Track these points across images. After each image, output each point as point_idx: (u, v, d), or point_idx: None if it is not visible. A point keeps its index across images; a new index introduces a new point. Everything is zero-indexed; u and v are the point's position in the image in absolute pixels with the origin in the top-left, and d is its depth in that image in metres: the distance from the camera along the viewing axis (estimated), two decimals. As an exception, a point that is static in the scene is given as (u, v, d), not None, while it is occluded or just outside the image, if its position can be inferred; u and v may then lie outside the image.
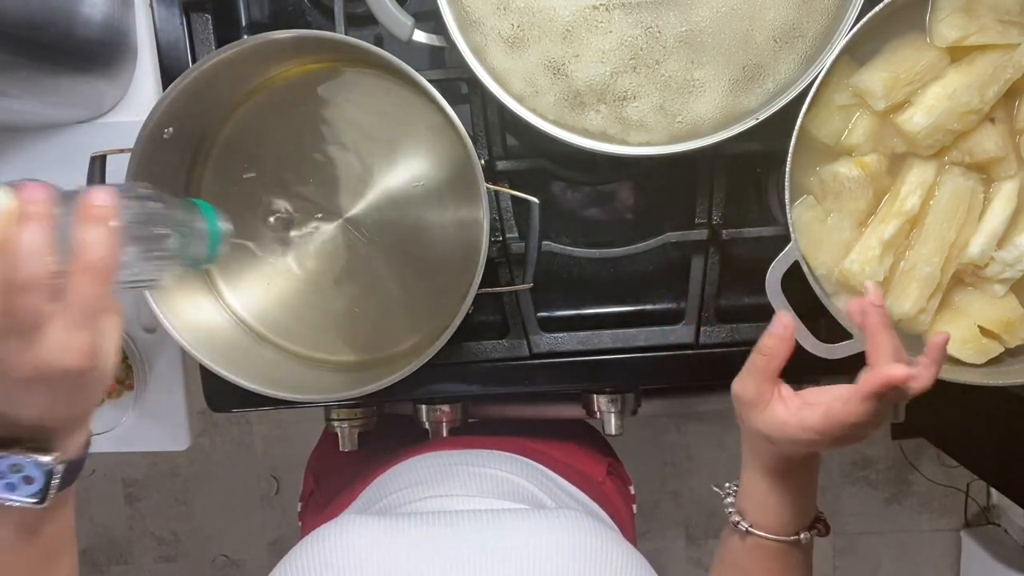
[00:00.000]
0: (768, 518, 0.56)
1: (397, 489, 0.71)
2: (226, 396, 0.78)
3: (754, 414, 0.53)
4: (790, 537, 0.55)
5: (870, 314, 0.50)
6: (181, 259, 0.52)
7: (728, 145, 0.64)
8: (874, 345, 0.49)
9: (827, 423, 0.50)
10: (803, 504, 0.56)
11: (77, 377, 0.41)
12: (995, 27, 0.60)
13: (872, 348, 0.49)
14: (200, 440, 1.83)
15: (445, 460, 0.74)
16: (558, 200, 0.80)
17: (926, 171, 0.63)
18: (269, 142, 0.72)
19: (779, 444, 0.53)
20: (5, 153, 0.80)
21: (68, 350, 0.39)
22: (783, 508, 0.55)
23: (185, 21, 0.75)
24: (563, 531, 0.57)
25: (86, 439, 0.47)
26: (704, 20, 0.63)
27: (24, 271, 0.37)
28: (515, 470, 0.74)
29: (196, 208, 0.55)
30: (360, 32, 0.75)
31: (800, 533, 0.56)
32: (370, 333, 0.74)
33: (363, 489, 0.76)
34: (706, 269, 0.74)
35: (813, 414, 0.50)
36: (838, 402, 0.49)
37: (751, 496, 0.57)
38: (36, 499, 0.44)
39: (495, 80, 0.64)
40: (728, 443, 1.76)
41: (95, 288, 0.40)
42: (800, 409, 0.52)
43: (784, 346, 0.53)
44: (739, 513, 0.57)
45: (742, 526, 0.56)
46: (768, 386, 0.53)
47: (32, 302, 0.38)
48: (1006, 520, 1.72)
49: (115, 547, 1.90)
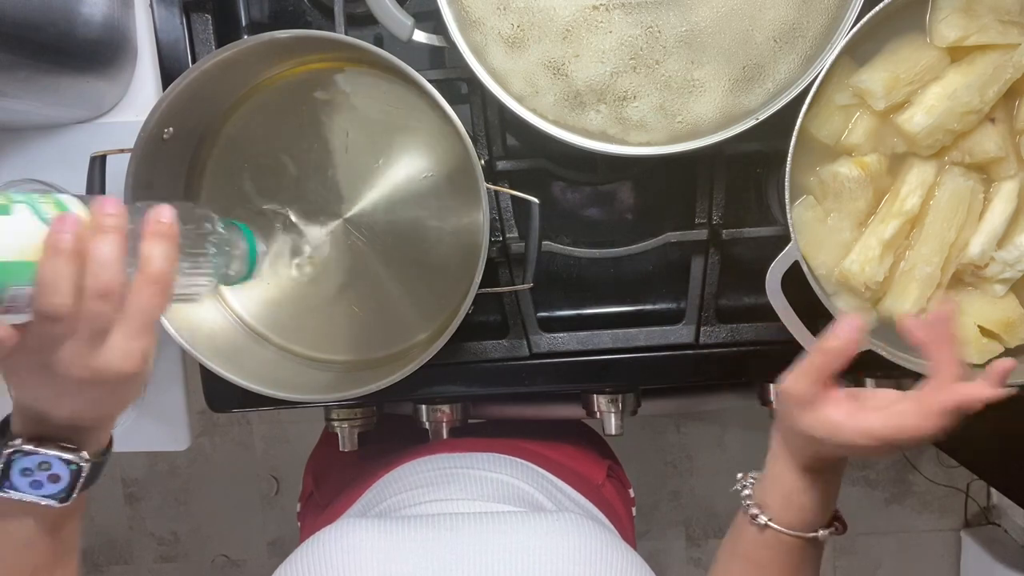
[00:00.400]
0: (791, 514, 0.55)
1: (397, 492, 0.71)
2: (226, 396, 0.78)
3: (804, 414, 0.52)
4: (808, 534, 0.55)
5: (937, 327, 0.49)
6: (222, 276, 0.56)
7: (728, 145, 0.64)
8: (944, 359, 0.48)
9: (894, 432, 0.48)
10: (827, 502, 0.55)
11: (127, 380, 0.43)
12: (995, 27, 0.60)
13: (941, 361, 0.48)
14: (200, 440, 1.83)
15: (445, 463, 0.74)
16: (558, 200, 0.80)
17: (926, 171, 0.63)
18: (269, 142, 0.72)
19: (827, 446, 0.52)
20: (5, 153, 0.80)
21: (128, 356, 0.42)
22: (809, 505, 0.55)
23: (185, 21, 0.75)
24: (562, 534, 0.57)
25: (110, 438, 0.48)
26: (704, 20, 0.63)
27: (98, 280, 0.40)
28: (515, 473, 0.74)
29: (238, 229, 0.59)
30: (360, 32, 0.75)
31: (819, 530, 0.55)
32: (370, 333, 0.74)
33: (363, 492, 0.76)
34: (706, 269, 0.74)
35: (875, 421, 0.49)
36: (910, 413, 0.48)
37: (776, 490, 0.56)
38: (62, 496, 0.45)
39: (495, 80, 0.64)
40: (728, 443, 1.76)
41: (156, 299, 0.42)
42: (857, 413, 0.50)
43: (850, 349, 0.51)
44: (758, 506, 0.56)
45: (761, 519, 0.55)
46: (822, 387, 0.51)
47: (102, 309, 0.41)
48: (1006, 520, 1.72)
49: (115, 547, 1.90)
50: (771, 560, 0.56)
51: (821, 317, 0.65)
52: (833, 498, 0.56)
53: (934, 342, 0.49)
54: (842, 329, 0.51)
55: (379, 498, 0.73)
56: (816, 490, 0.54)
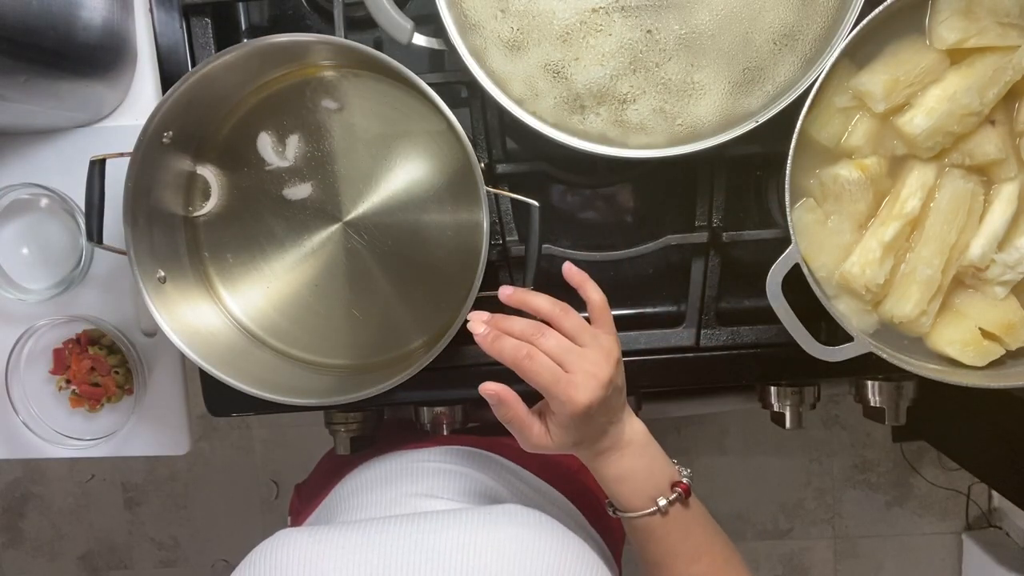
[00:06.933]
0: (622, 499, 0.61)
1: (352, 494, 0.72)
2: (225, 400, 0.77)
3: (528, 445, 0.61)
4: (648, 509, 0.60)
5: None
6: None
7: (728, 148, 0.64)
8: None
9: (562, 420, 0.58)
10: (638, 475, 0.60)
11: None
12: (995, 29, 0.60)
13: None
14: (200, 444, 1.83)
15: (406, 459, 0.75)
16: (558, 203, 0.80)
17: (926, 173, 0.63)
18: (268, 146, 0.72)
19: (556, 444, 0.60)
20: (5, 157, 0.80)
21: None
22: (628, 486, 0.60)
23: (185, 25, 0.75)
24: (496, 527, 0.57)
25: None
26: (704, 23, 0.63)
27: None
28: (474, 465, 0.74)
29: None
30: (360, 36, 0.75)
31: (658, 500, 0.60)
32: (370, 337, 0.74)
33: (324, 497, 0.77)
34: (706, 272, 0.74)
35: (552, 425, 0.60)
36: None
37: (603, 486, 0.62)
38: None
39: (495, 83, 0.64)
40: (728, 446, 1.76)
41: None
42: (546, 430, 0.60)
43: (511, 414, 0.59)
44: (608, 504, 0.63)
45: (609, 511, 0.63)
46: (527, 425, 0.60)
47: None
48: (1008, 523, 1.72)
49: (115, 552, 1.90)
50: (642, 544, 0.61)
51: (822, 319, 0.64)
52: (643, 472, 0.60)
53: None
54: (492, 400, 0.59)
55: (335, 501, 0.74)
56: (613, 468, 0.60)
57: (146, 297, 0.68)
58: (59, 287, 0.81)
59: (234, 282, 0.75)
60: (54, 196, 0.80)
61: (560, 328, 0.59)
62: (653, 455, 0.61)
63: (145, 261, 0.69)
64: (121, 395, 0.84)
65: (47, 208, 0.82)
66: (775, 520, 1.80)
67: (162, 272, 0.71)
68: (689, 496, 0.61)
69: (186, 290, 0.73)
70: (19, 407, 0.83)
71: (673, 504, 0.59)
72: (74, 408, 0.85)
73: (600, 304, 0.61)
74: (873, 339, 0.64)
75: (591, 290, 0.62)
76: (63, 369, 0.84)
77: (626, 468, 0.60)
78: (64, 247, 0.82)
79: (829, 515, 1.80)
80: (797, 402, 0.78)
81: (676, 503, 0.60)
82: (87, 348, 0.83)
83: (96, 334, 0.83)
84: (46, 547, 1.92)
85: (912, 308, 0.63)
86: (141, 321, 0.83)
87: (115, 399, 0.84)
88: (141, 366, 0.82)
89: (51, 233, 0.82)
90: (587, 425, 0.58)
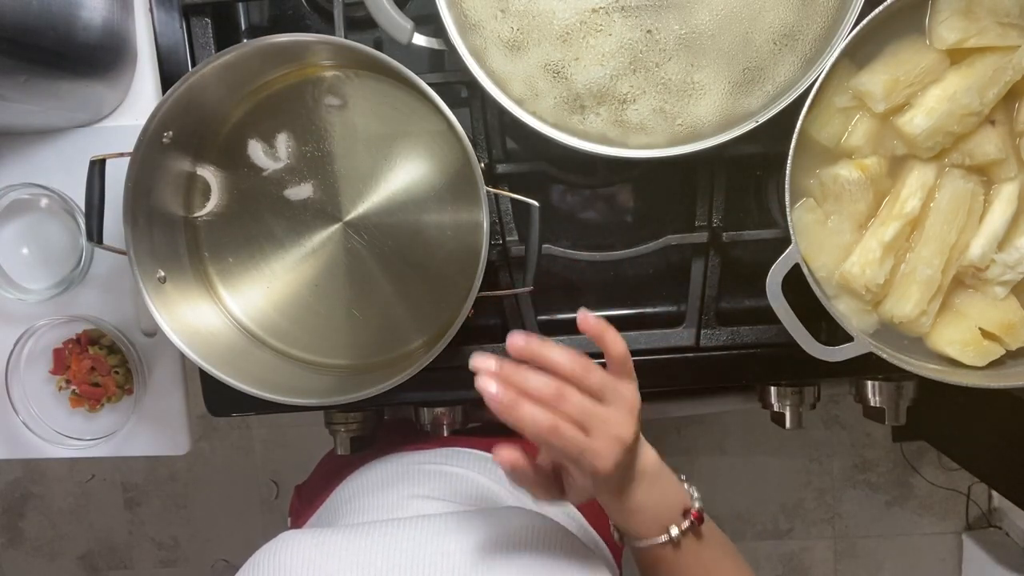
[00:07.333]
0: (632, 527, 0.56)
1: (354, 496, 0.72)
2: (225, 400, 0.77)
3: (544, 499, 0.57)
4: (659, 537, 0.56)
5: None
6: None
7: (728, 148, 0.64)
8: None
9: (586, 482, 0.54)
10: (650, 507, 0.56)
11: None
12: (995, 29, 0.60)
13: None
14: (200, 444, 1.83)
15: (406, 461, 0.75)
16: (558, 203, 0.80)
17: (926, 173, 0.63)
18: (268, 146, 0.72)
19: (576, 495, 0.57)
20: (4, 157, 0.80)
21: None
22: (638, 517, 0.56)
23: (185, 25, 0.75)
24: (498, 530, 0.57)
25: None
26: (704, 23, 0.63)
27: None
28: (472, 466, 0.74)
29: None
30: (360, 36, 0.75)
31: (670, 528, 0.56)
32: (370, 337, 0.74)
33: (325, 498, 0.76)
34: (706, 272, 0.74)
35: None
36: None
37: (612, 517, 0.58)
38: None
39: (495, 83, 0.64)
40: (728, 446, 1.76)
41: None
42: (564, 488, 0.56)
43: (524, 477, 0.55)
44: (616, 530, 0.59)
45: (615, 535, 0.59)
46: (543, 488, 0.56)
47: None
48: (1008, 523, 1.72)
49: (115, 552, 1.90)
50: (650, 570, 0.58)
51: (822, 319, 0.64)
52: (654, 503, 0.56)
53: None
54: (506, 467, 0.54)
55: (336, 503, 0.73)
56: (624, 502, 0.55)
57: (146, 297, 0.68)
58: (59, 287, 0.81)
59: (234, 282, 0.75)
60: (54, 196, 0.80)
61: (582, 387, 0.52)
62: (664, 485, 0.57)
63: (145, 261, 0.69)
64: (121, 395, 0.84)
65: (47, 208, 0.82)
66: (775, 520, 1.80)
67: (162, 272, 0.71)
68: (702, 524, 0.57)
69: (186, 290, 0.73)
70: (19, 407, 0.83)
71: (685, 535, 0.56)
72: (74, 408, 0.85)
73: (623, 356, 0.54)
74: (873, 339, 0.64)
75: (611, 342, 0.54)
76: (63, 369, 0.84)
77: (638, 501, 0.56)
78: (64, 247, 0.82)
79: (829, 515, 1.80)
80: (797, 402, 0.78)
81: (689, 533, 0.56)
82: (87, 348, 0.83)
83: (96, 334, 0.83)
84: (46, 547, 1.91)
85: (912, 308, 0.63)
86: (141, 321, 0.83)
87: (115, 399, 0.84)
88: (141, 366, 0.82)
89: (51, 233, 0.82)
90: (607, 483, 0.54)
